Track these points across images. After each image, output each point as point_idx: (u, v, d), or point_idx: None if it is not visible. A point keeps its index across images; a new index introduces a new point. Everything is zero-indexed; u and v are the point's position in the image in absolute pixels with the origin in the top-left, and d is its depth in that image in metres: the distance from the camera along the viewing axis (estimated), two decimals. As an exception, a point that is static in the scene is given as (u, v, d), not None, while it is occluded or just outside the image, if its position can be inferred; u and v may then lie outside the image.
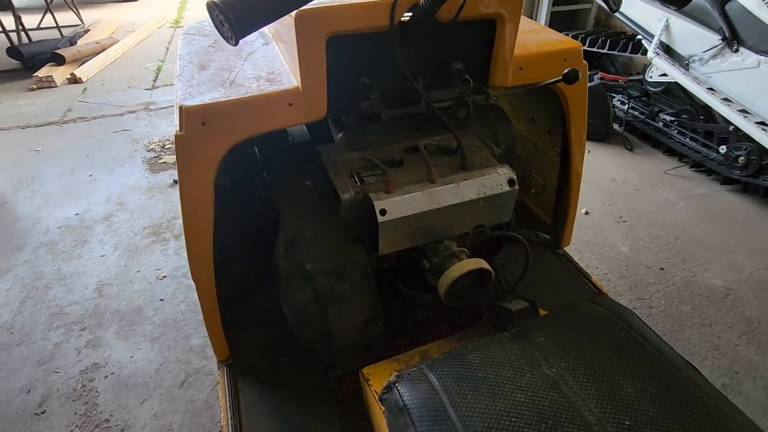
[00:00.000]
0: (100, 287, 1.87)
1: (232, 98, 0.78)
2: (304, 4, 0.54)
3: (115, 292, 1.85)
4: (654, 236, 2.13)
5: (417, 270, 0.94)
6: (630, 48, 2.94)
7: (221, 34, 0.50)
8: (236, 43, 0.50)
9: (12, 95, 3.71)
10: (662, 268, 1.96)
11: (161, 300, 1.80)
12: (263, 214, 1.16)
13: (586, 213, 2.29)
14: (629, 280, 1.90)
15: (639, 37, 2.78)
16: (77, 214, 2.31)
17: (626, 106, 2.93)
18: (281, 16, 0.52)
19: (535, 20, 4.01)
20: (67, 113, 3.39)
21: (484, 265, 0.82)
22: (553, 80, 0.90)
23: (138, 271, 1.93)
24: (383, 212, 0.78)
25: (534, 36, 1.06)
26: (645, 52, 2.69)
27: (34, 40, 4.53)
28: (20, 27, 4.34)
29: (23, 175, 2.63)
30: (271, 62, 0.92)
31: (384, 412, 0.67)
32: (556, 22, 3.94)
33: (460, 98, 0.92)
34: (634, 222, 2.23)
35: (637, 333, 0.68)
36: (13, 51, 4.07)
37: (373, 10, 0.75)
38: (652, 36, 2.61)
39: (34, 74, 3.83)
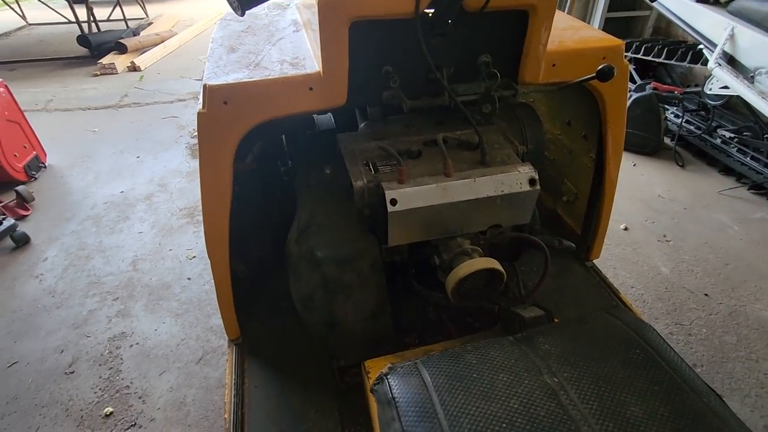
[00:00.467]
0: (135, 261, 1.97)
1: (255, 79, 0.79)
2: None
3: (147, 267, 1.94)
4: (701, 259, 1.98)
5: (431, 267, 0.92)
6: (689, 57, 2.75)
7: (230, 4, 0.50)
8: (242, 14, 0.51)
9: (78, 79, 4.01)
10: (707, 294, 1.81)
11: (188, 279, 1.87)
12: (286, 200, 1.18)
13: (626, 229, 2.16)
14: (667, 303, 1.77)
15: (700, 46, 2.60)
16: (122, 191, 2.45)
17: (681, 119, 2.75)
18: None
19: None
20: (123, 98, 3.62)
21: (496, 265, 0.78)
22: (586, 77, 0.85)
23: (170, 250, 2.02)
24: (394, 202, 0.76)
25: (572, 32, 1.01)
26: (706, 62, 2.51)
27: (102, 30, 4.87)
28: (91, 18, 4.68)
29: (79, 153, 2.83)
30: (297, 48, 0.93)
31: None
32: (611, 28, 3.76)
33: (486, 93, 0.89)
34: (678, 242, 2.08)
35: (654, 350, 0.62)
36: (82, 39, 4.39)
37: (397, -4, 0.74)
38: (715, 45, 2.43)
39: (99, 61, 4.11)
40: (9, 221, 2.03)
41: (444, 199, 0.78)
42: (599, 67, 0.80)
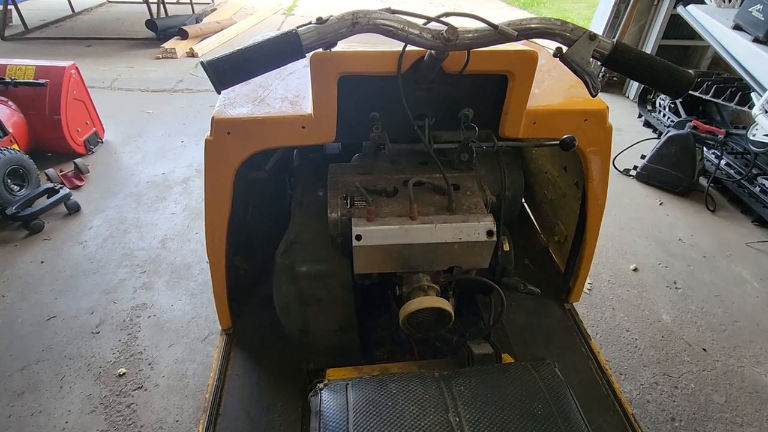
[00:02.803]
0: (164, 240, 2.18)
1: (255, 115, 0.91)
2: (273, 69, 0.64)
3: (174, 246, 2.15)
4: (707, 312, 1.93)
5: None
6: (737, 98, 2.63)
7: (211, 82, 0.62)
8: (219, 92, 0.62)
9: (142, 61, 4.36)
10: (705, 349, 1.78)
11: (207, 262, 2.05)
12: (289, 209, 1.31)
13: (635, 269, 2.13)
14: (660, 352, 1.76)
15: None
16: (164, 173, 2.69)
17: (719, 161, 2.63)
18: (252, 77, 0.63)
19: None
20: (178, 83, 3.91)
21: (444, 305, 0.86)
22: (550, 143, 0.90)
23: (196, 233, 2.22)
24: (359, 237, 0.86)
25: (563, 90, 1.05)
26: (753, 106, 2.40)
27: (170, 13, 5.24)
28: (161, 1, 5.04)
29: (133, 132, 3.12)
30: (301, 85, 1.04)
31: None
32: (666, 57, 3.60)
33: (464, 143, 0.96)
34: (688, 291, 2.03)
35: (557, 408, 0.69)
36: (150, 24, 4.75)
37: (381, 59, 0.83)
38: (765, 90, 2.31)
39: (162, 45, 4.44)
40: (65, 190, 2.31)
41: (405, 240, 0.87)
42: (563, 137, 0.86)
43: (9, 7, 4.87)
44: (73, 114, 2.66)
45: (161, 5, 5.10)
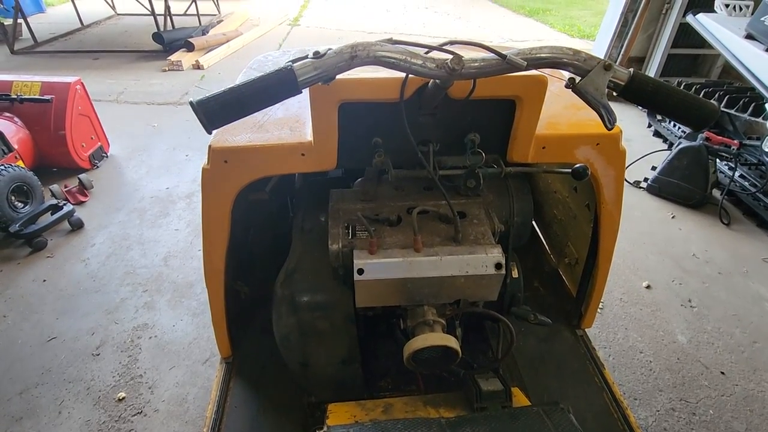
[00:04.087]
0: (167, 257, 2.16)
1: (253, 143, 0.88)
2: (266, 107, 0.60)
3: (177, 264, 2.12)
4: (725, 333, 1.86)
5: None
6: (751, 109, 2.56)
7: (201, 123, 0.59)
8: (210, 132, 0.59)
9: (149, 73, 4.38)
10: (723, 372, 1.71)
11: (210, 281, 2.03)
12: (291, 231, 1.27)
13: (648, 287, 2.07)
14: (676, 376, 1.69)
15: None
16: (167, 188, 2.68)
17: (733, 173, 2.57)
18: (243, 117, 0.60)
19: (648, 62, 3.65)
20: (184, 96, 3.92)
21: (450, 343, 0.82)
22: (562, 170, 0.86)
23: (199, 250, 2.20)
24: (360, 271, 0.82)
25: (572, 113, 1.01)
26: (767, 117, 2.34)
27: (176, 25, 5.28)
28: (167, 12, 5.08)
29: (138, 146, 3.12)
30: (301, 108, 1.01)
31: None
32: (675, 66, 3.56)
33: (470, 169, 0.92)
34: (704, 310, 1.96)
35: (572, 463, 0.64)
36: (157, 36, 4.79)
37: (383, 86, 0.80)
38: (779, 101, 2.25)
39: (168, 57, 4.47)
40: (68, 207, 2.30)
41: (409, 273, 0.83)
42: (575, 167, 0.81)
43: (19, 21, 4.94)
44: (78, 129, 2.66)
45: (168, 17, 5.15)
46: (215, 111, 0.56)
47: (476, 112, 0.89)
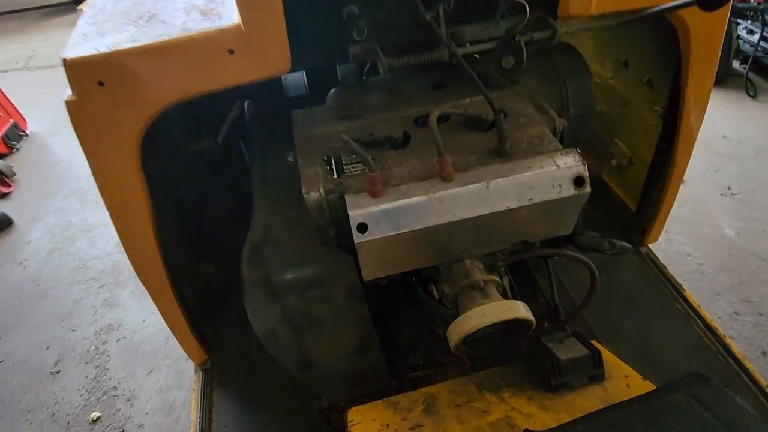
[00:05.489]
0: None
1: (141, 44, 0.51)
2: None
3: (135, 248, 1.78)
4: (775, 217, 1.64)
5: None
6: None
7: None
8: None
9: (61, 30, 3.69)
10: (782, 262, 1.50)
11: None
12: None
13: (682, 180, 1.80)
14: (732, 275, 1.48)
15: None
16: (107, 160, 2.25)
17: (757, 36, 2.22)
18: None
19: None
20: (108, 50, 3.31)
21: (521, 313, 0.53)
22: (677, 3, 0.51)
23: (158, 227, 1.84)
24: (362, 228, 0.50)
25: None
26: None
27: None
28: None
29: (62, 117, 2.60)
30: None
31: None
32: None
33: (507, 38, 0.58)
34: (748, 196, 1.72)
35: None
36: (60, -18, 4.00)
37: None
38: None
39: (78, 7, 3.74)
40: (-13, 202, 1.89)
41: (440, 218, 0.51)
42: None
43: None
44: (-22, 107, 2.16)
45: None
46: None
47: None
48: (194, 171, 1.01)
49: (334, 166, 0.56)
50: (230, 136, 0.95)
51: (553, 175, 0.52)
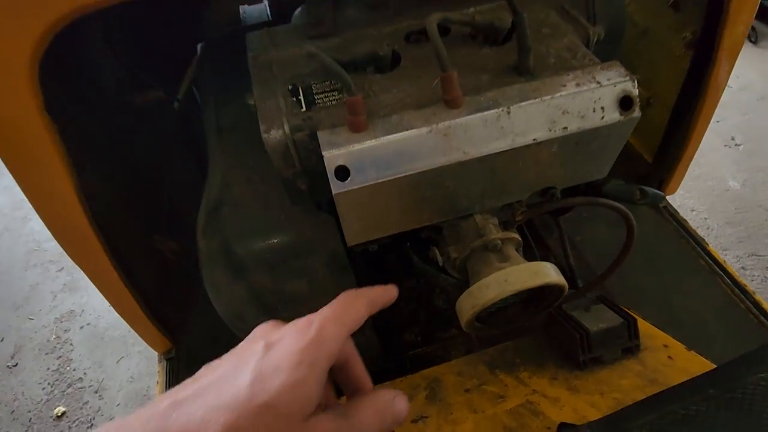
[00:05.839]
0: (80, 220, 1.64)
1: None
2: None
3: (96, 226, 1.62)
4: (781, 166, 1.56)
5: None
6: None
7: None
8: None
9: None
10: (789, 213, 1.43)
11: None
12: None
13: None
14: (738, 229, 1.40)
15: None
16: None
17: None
18: None
19: None
20: None
21: (553, 278, 0.41)
22: None
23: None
24: (342, 173, 0.37)
25: None
26: None
27: None
28: None
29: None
30: None
31: None
32: None
33: None
34: (752, 145, 1.64)
35: None
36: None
37: None
38: None
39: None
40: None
41: (446, 156, 0.38)
42: None
43: None
44: None
45: None
46: None
47: None
48: (145, 128, 0.85)
49: (302, 96, 0.42)
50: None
51: (594, 94, 0.39)
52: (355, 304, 0.28)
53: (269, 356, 0.23)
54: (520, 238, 0.46)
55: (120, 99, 0.75)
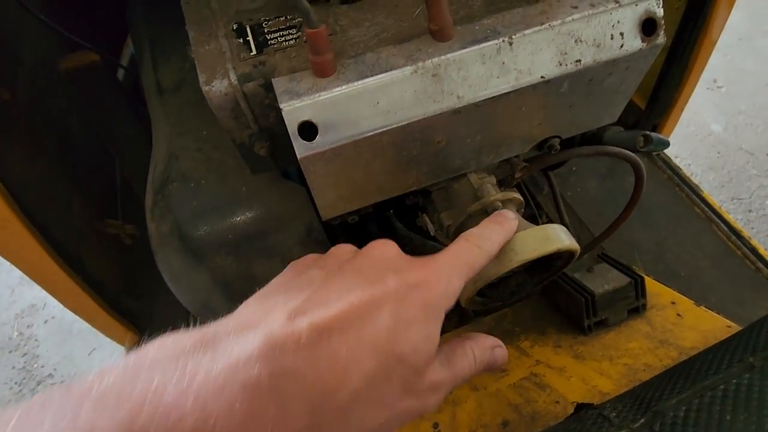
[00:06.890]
0: (32, 206, 1.51)
1: None
2: None
3: (50, 211, 1.49)
4: (762, 107, 1.54)
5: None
6: None
7: None
8: None
9: None
10: (769, 154, 1.42)
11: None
12: None
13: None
14: (721, 173, 1.39)
15: None
16: None
17: None
18: None
19: None
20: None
21: (565, 242, 0.35)
22: None
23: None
24: (308, 131, 0.29)
25: None
26: None
27: None
28: None
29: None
30: None
31: None
32: None
33: None
34: (733, 87, 1.61)
35: None
36: None
37: None
38: None
39: None
40: None
41: (435, 103, 0.31)
42: None
43: None
44: None
45: None
46: None
47: None
48: (81, 97, 0.74)
49: (250, 37, 0.33)
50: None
51: (612, 17, 0.32)
52: (474, 254, 0.27)
53: (408, 302, 0.22)
54: (521, 198, 0.40)
55: (41, 63, 0.64)
